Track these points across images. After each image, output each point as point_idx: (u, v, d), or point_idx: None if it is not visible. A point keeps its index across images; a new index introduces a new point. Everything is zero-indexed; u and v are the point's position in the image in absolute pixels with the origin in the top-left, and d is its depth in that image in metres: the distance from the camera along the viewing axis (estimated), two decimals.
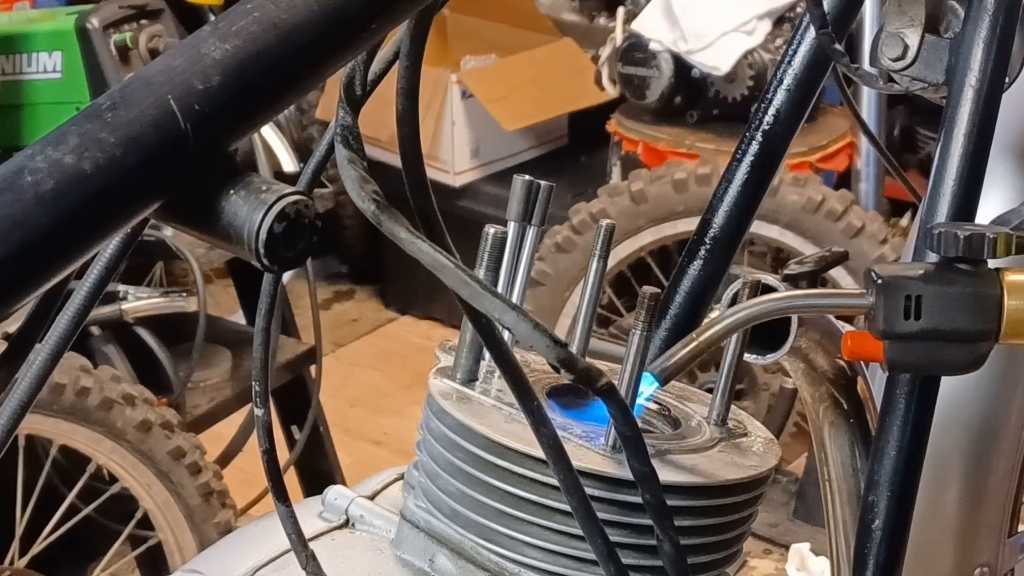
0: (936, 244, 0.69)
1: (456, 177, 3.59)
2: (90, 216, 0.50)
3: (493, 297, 0.55)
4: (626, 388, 0.69)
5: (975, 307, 0.68)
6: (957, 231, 0.68)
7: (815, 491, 1.59)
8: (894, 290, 0.69)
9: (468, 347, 0.74)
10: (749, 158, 0.97)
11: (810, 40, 0.96)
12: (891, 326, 0.69)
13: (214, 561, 0.82)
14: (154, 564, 2.23)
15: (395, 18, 0.57)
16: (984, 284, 0.69)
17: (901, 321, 0.68)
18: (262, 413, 0.73)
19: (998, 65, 0.78)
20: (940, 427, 0.77)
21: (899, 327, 0.69)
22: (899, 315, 0.68)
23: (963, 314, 0.68)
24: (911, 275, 0.69)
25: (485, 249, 0.73)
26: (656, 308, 0.69)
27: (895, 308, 0.68)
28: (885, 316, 0.69)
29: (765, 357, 0.85)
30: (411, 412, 3.24)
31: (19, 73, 2.19)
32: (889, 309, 0.69)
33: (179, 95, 0.51)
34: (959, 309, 0.68)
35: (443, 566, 0.72)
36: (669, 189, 2.77)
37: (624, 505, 0.68)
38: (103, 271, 0.62)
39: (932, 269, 0.69)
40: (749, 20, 3.02)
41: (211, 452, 2.21)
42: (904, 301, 0.68)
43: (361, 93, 0.60)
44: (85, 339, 2.19)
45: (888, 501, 0.74)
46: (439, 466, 0.72)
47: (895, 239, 2.69)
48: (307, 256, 0.52)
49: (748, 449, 0.74)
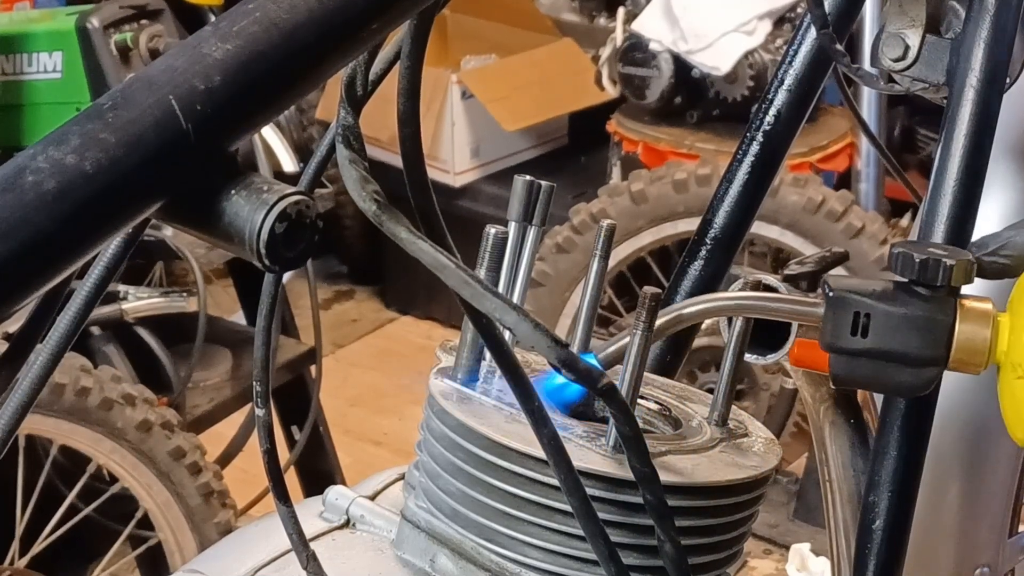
0: (894, 264, 0.68)
1: (456, 177, 3.59)
2: (91, 216, 0.50)
3: (494, 297, 0.55)
4: (626, 388, 0.69)
5: (923, 332, 0.67)
6: (915, 253, 0.67)
7: (815, 491, 1.59)
8: (843, 305, 0.67)
9: (469, 347, 0.74)
10: (750, 158, 0.97)
11: (811, 40, 0.96)
12: (836, 340, 0.68)
13: (214, 561, 0.82)
14: (154, 564, 2.23)
15: (396, 18, 0.57)
16: (936, 310, 0.67)
17: (848, 337, 0.67)
18: (263, 413, 0.73)
19: (998, 65, 0.78)
20: (940, 427, 0.77)
21: (844, 343, 0.68)
22: (846, 331, 0.67)
23: (911, 338, 0.67)
24: (863, 291, 0.67)
25: (486, 249, 0.73)
26: (656, 308, 0.69)
27: (843, 323, 0.67)
28: (832, 330, 0.68)
29: (766, 357, 0.85)
30: (411, 412, 3.24)
31: (19, 73, 2.19)
32: (837, 323, 0.67)
33: (180, 95, 0.51)
34: (907, 332, 0.67)
35: (444, 566, 0.72)
36: (669, 189, 2.77)
37: (625, 505, 0.68)
38: (104, 271, 0.62)
39: (889, 288, 0.68)
40: (749, 20, 3.02)
41: (211, 452, 2.21)
42: (852, 317, 0.67)
43: (362, 93, 0.60)
44: (85, 339, 2.19)
45: (888, 501, 0.74)
46: (440, 466, 0.72)
47: (895, 239, 2.69)
48: (308, 256, 0.52)
49: (749, 449, 0.74)
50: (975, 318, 0.67)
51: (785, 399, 2.80)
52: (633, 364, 0.69)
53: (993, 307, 0.68)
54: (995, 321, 0.67)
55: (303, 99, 3.54)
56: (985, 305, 0.68)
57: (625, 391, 0.69)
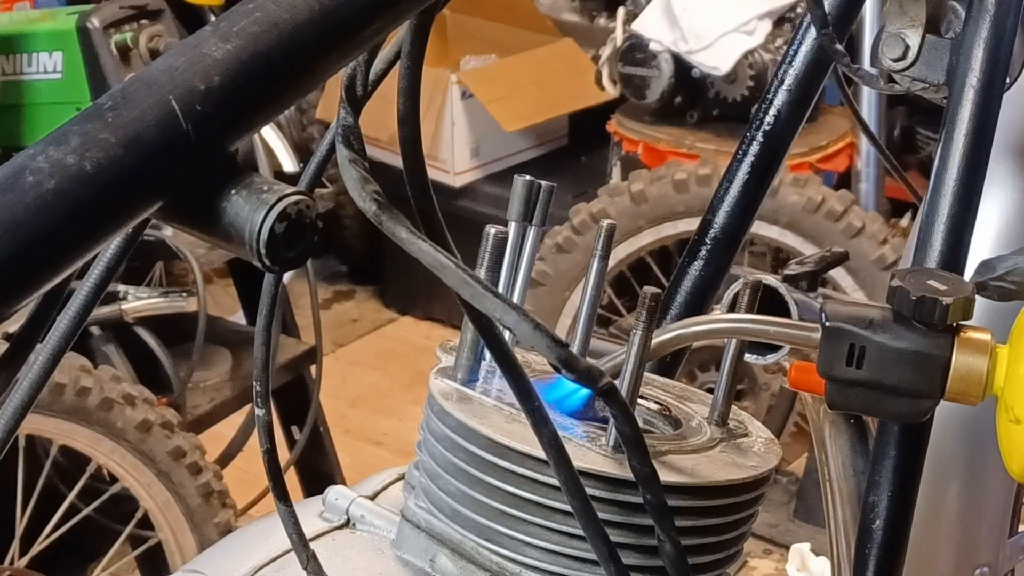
0: (891, 298, 0.67)
1: (456, 177, 3.59)
2: (91, 216, 0.50)
3: (494, 297, 0.55)
4: (626, 388, 0.69)
5: (918, 367, 0.66)
6: (911, 290, 0.66)
7: (815, 491, 1.59)
8: (838, 336, 0.67)
9: (469, 347, 0.74)
10: (750, 158, 0.97)
11: (811, 40, 0.96)
12: (831, 369, 0.68)
13: (214, 561, 0.82)
14: (154, 564, 2.23)
15: (396, 18, 0.57)
16: (932, 345, 0.66)
17: (843, 367, 0.67)
18: (263, 413, 0.73)
19: (998, 65, 0.78)
20: (940, 427, 0.77)
21: (840, 372, 0.67)
22: (841, 360, 0.67)
23: (905, 372, 0.67)
24: (859, 322, 0.67)
25: (486, 249, 0.73)
26: (656, 308, 0.69)
27: (838, 353, 0.67)
28: (827, 359, 0.67)
29: (766, 357, 0.85)
30: (411, 412, 3.24)
31: (19, 73, 2.19)
32: (832, 353, 0.67)
33: (180, 95, 0.51)
34: (902, 366, 0.67)
35: (444, 566, 0.72)
36: (669, 189, 2.77)
37: (625, 505, 0.68)
38: (104, 271, 0.62)
39: (887, 318, 0.67)
40: (749, 20, 3.02)
41: (211, 452, 2.21)
42: (848, 348, 0.67)
43: (362, 93, 0.60)
44: (85, 339, 2.19)
45: (888, 501, 0.74)
46: (440, 466, 0.72)
47: (895, 239, 2.69)
48: (308, 256, 0.52)
49: (749, 449, 0.74)
50: (973, 349, 0.66)
51: (785, 399, 2.80)
52: (633, 364, 0.69)
53: (992, 338, 0.67)
54: (994, 353, 0.67)
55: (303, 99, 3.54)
56: (984, 336, 0.67)
57: (625, 391, 0.69)
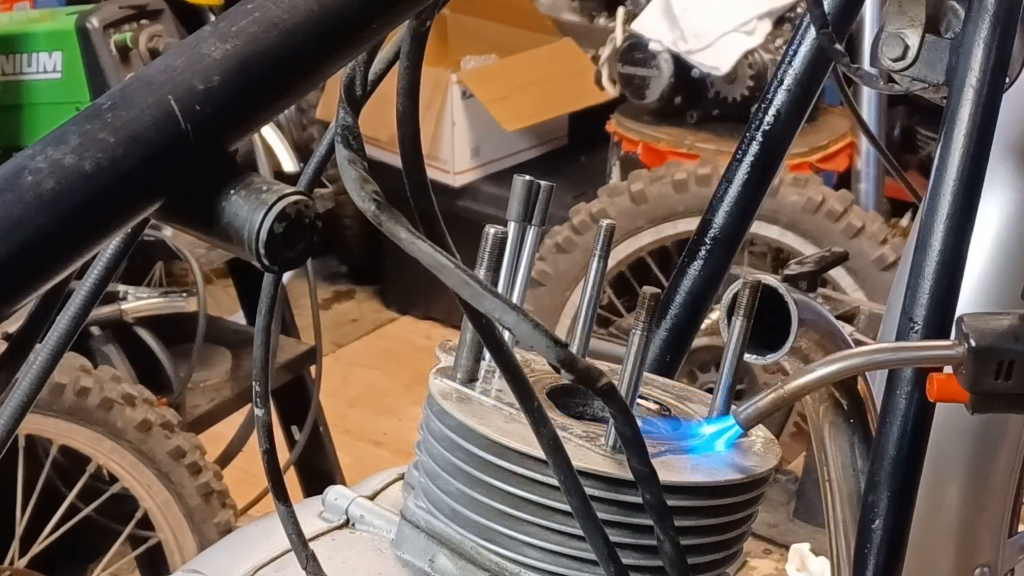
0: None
1: (456, 177, 3.59)
2: (90, 216, 0.50)
3: (493, 297, 0.55)
4: (626, 388, 0.69)
5: None
6: None
7: (815, 491, 1.59)
8: (987, 355, 0.69)
9: (468, 347, 0.74)
10: (749, 158, 0.97)
11: (810, 40, 0.96)
12: (979, 385, 0.69)
13: (214, 561, 0.82)
14: (154, 564, 2.23)
15: (396, 18, 0.57)
16: None
17: (991, 380, 0.69)
18: (262, 413, 0.73)
19: (998, 65, 0.78)
20: (940, 427, 0.77)
21: (988, 386, 0.69)
22: (990, 375, 0.69)
23: None
24: (1005, 335, 0.69)
25: (485, 249, 0.73)
26: (656, 308, 0.69)
27: (986, 369, 0.69)
28: (975, 375, 0.69)
29: (765, 357, 0.85)
30: (411, 412, 3.24)
31: (19, 73, 2.19)
32: (980, 370, 0.69)
33: (180, 95, 0.51)
34: None
35: (443, 566, 0.72)
36: (669, 189, 2.77)
37: (624, 505, 0.68)
38: (103, 271, 0.62)
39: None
40: (749, 20, 3.02)
41: (211, 452, 2.21)
42: (996, 364, 0.69)
43: (361, 93, 0.60)
44: (85, 339, 2.19)
45: (888, 501, 0.74)
46: (439, 466, 0.72)
47: (895, 239, 2.69)
48: (308, 256, 0.52)
49: (748, 449, 0.74)
50: None
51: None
52: (633, 364, 0.69)
53: None
54: None
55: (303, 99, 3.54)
56: None
57: (625, 391, 0.69)
